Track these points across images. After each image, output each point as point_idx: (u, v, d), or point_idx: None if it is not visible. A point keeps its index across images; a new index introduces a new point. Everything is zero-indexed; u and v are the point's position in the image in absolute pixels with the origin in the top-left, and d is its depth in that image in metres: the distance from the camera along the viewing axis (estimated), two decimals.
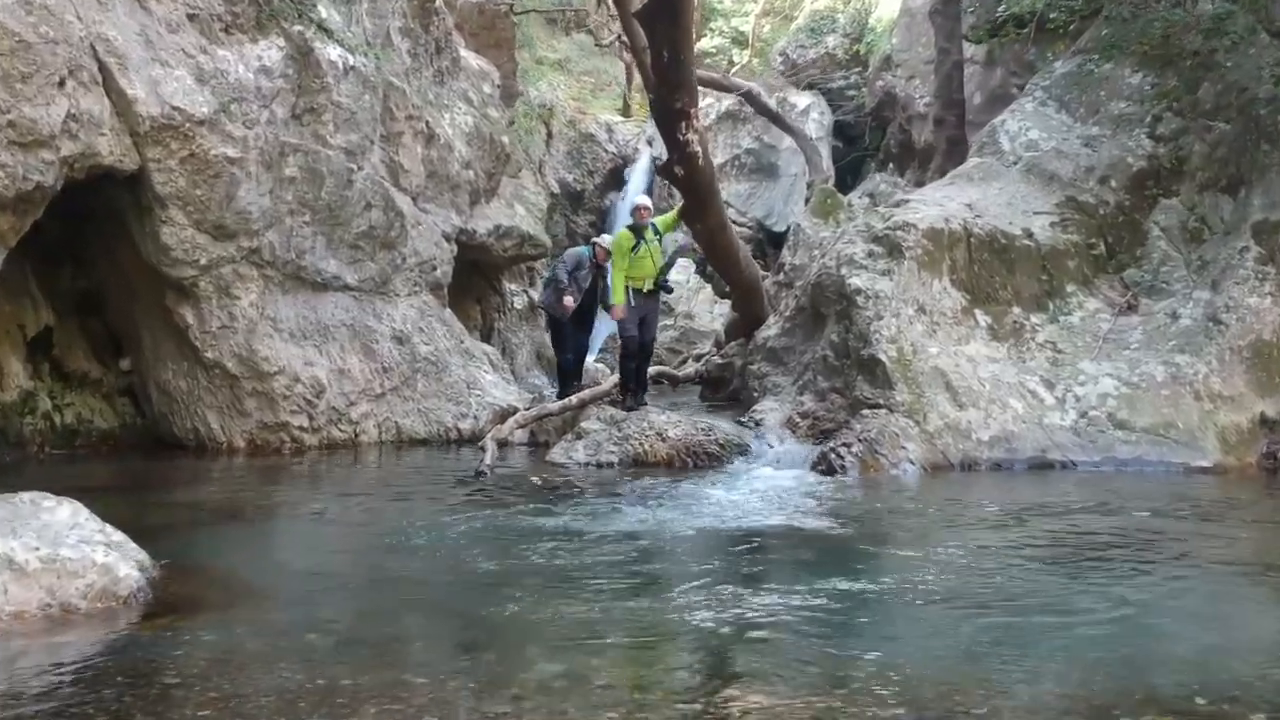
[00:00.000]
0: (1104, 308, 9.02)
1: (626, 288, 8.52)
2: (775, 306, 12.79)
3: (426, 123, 11.78)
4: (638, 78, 28.63)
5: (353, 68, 10.09)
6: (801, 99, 23.10)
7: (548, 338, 17.99)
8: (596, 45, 25.97)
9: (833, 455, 7.64)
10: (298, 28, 9.53)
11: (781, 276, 12.83)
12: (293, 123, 9.62)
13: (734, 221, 22.91)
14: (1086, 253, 9.38)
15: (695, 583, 4.44)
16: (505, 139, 13.85)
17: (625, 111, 27.02)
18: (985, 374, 8.41)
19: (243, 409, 9.75)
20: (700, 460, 8.29)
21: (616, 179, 24.58)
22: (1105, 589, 4.43)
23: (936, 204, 9.50)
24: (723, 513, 6.17)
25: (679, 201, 9.48)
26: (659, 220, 8.86)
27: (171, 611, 3.82)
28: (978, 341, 8.72)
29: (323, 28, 9.86)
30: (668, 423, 8.60)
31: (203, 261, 9.20)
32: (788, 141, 22.05)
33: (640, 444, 8.34)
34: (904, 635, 3.78)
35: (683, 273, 22.60)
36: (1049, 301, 9.10)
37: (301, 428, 9.87)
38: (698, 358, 19.39)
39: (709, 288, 22.14)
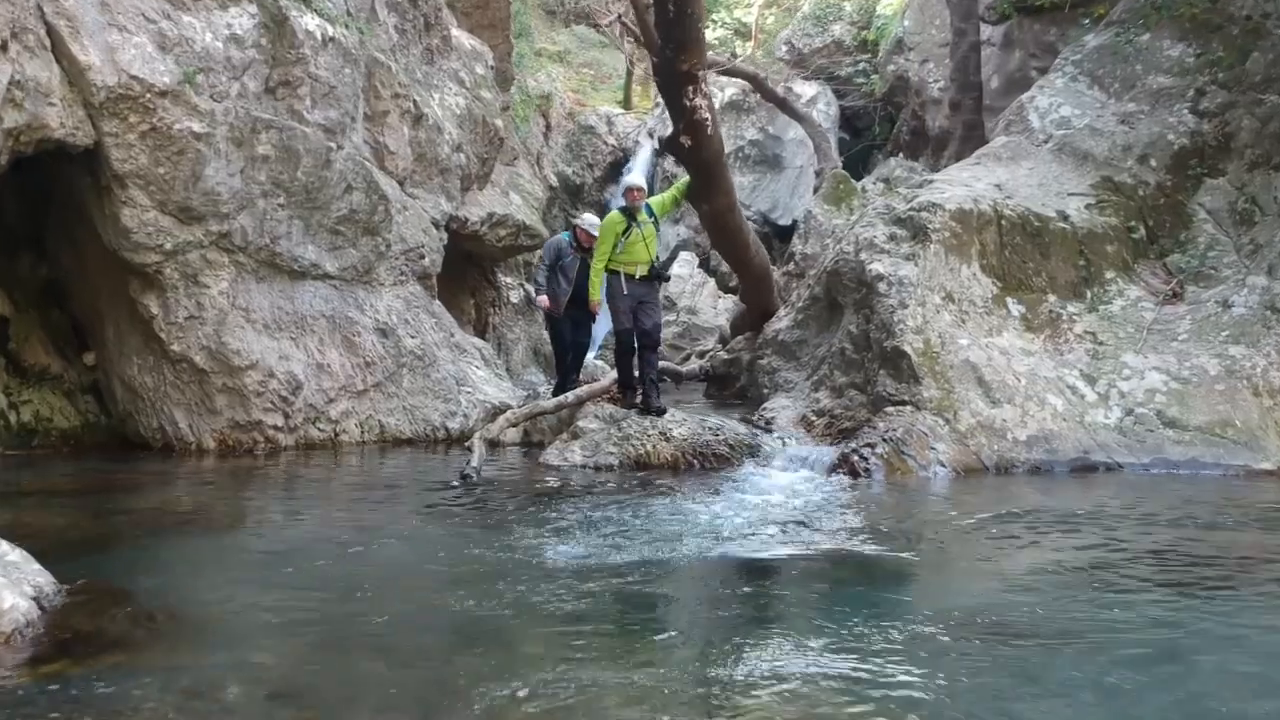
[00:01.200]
0: (1146, 296, 8.29)
1: (619, 274, 7.73)
2: (785, 298, 12.07)
3: (414, 102, 11.05)
4: (638, 70, 27.93)
5: (332, 39, 9.36)
6: (807, 89, 22.39)
7: (546, 334, 17.40)
8: (593, 26, 25.19)
9: (855, 457, 6.90)
10: None
11: (792, 266, 12.12)
12: (266, 96, 8.88)
13: None
14: (1126, 236, 8.65)
15: (707, 632, 3.68)
16: (499, 122, 13.11)
17: (626, 104, 26.33)
18: (1020, 368, 7.68)
19: (212, 406, 9.01)
20: (708, 462, 7.55)
21: (616, 172, 23.86)
22: (1211, 621, 3.70)
23: (963, 184, 8.77)
24: (736, 527, 5.33)
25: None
26: (654, 201, 8.08)
27: (65, 654, 3.08)
28: (1010, 332, 7.98)
29: None
30: (672, 421, 7.87)
31: (167, 246, 8.46)
32: (792, 133, 21.34)
33: (642, 444, 7.60)
34: (995, 691, 3.02)
35: (685, 266, 21.90)
36: (1086, 289, 8.37)
37: (276, 427, 9.14)
38: (701, 354, 18.70)
39: (712, 282, 21.42)
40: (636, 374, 8.08)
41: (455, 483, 7.09)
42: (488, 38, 14.74)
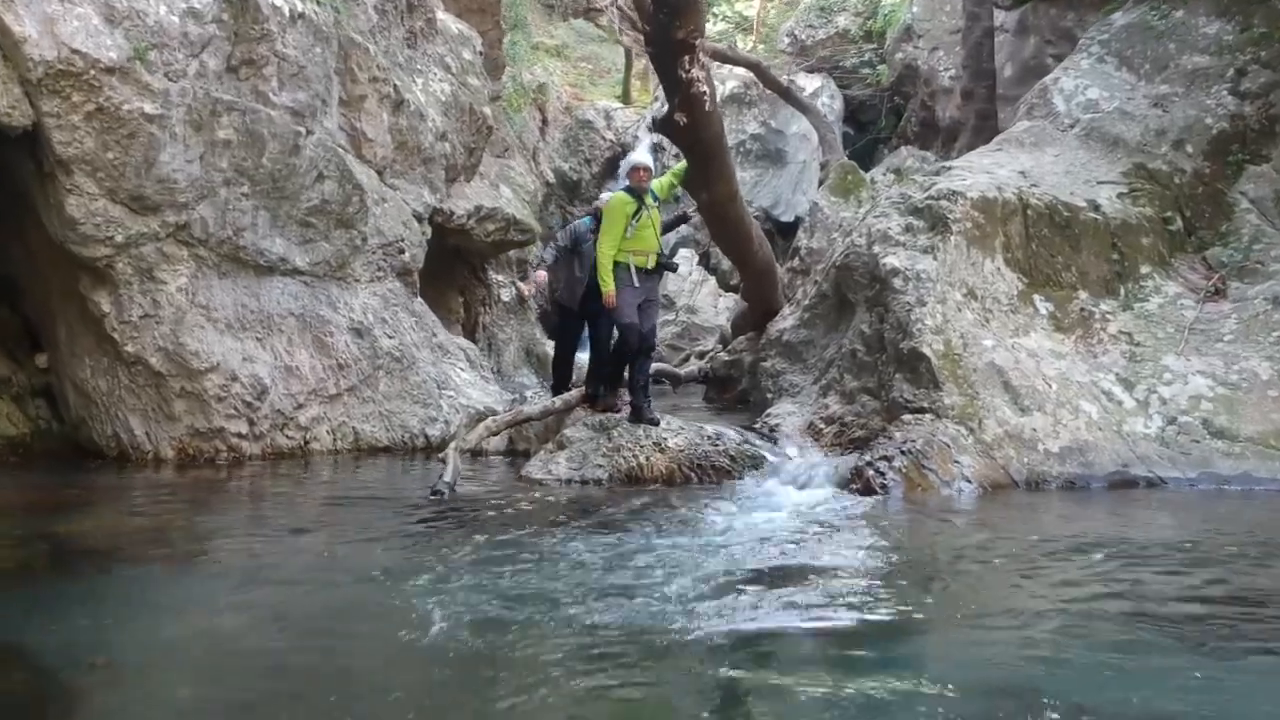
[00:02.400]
0: (1185, 292, 7.59)
1: (628, 266, 6.99)
2: (790, 296, 11.37)
3: (395, 87, 10.34)
4: (638, 64, 27.21)
5: (302, 15, 8.65)
6: (810, 82, 21.68)
7: (538, 333, 16.67)
8: (590, 17, 24.54)
9: (871, 472, 6.20)
10: None
11: (797, 262, 11.41)
12: (228, 76, 8.18)
13: None
14: (1162, 228, 7.95)
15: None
16: (488, 110, 12.41)
17: (625, 98, 25.64)
18: (1050, 371, 6.98)
19: (170, 413, 8.32)
20: (706, 475, 6.86)
21: (614, 168, 23.21)
22: None
23: (985, 171, 8.07)
24: (738, 561, 4.56)
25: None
26: (654, 184, 7.31)
27: None
28: (1039, 332, 7.28)
29: None
30: (667, 431, 7.16)
31: (119, 239, 7.78)
32: (795, 127, 20.63)
33: (634, 456, 6.91)
34: None
35: (684, 264, 21.19)
36: (1120, 285, 7.66)
37: (240, 435, 8.44)
38: (700, 355, 18.00)
39: (713, 280, 20.72)
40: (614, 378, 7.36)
41: (430, 497, 6.40)
42: (477, 23, 14.03)
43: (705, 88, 6.03)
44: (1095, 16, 13.89)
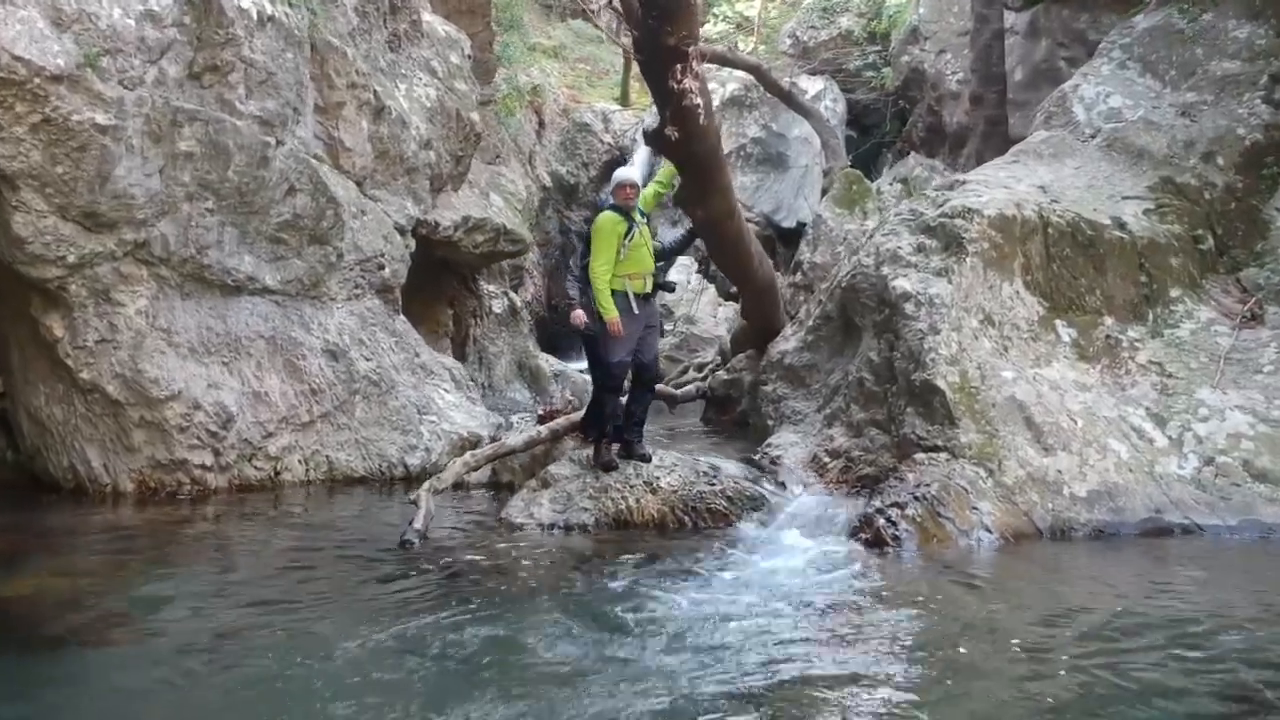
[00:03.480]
0: (1219, 318, 7.04)
1: (625, 294, 6.38)
2: (791, 312, 10.82)
3: (375, 93, 9.80)
4: (636, 65, 26.74)
5: (271, 18, 8.11)
6: (812, 84, 21.12)
7: (534, 348, 16.12)
8: (585, 15, 24.00)
9: (882, 521, 5.65)
10: None
11: (799, 277, 10.86)
12: (190, 83, 7.63)
13: None
14: (1192, 247, 7.40)
15: None
16: (475, 116, 11.85)
17: (623, 100, 25.10)
18: (1075, 406, 6.42)
19: (129, 443, 7.78)
20: (702, 519, 6.31)
21: (612, 171, 22.65)
22: None
23: (1001, 185, 7.51)
24: (736, 650, 4.00)
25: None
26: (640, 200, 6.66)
27: None
28: (1061, 362, 6.73)
29: None
30: (660, 468, 6.61)
31: (71, 259, 7.24)
32: (797, 130, 20.09)
33: (623, 497, 6.35)
34: None
35: (682, 273, 20.62)
36: (1148, 309, 7.11)
37: (204, 466, 7.90)
38: (700, 367, 17.38)
39: (712, 289, 20.17)
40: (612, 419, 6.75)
41: (400, 547, 5.84)
42: (466, 24, 13.50)
43: (699, 100, 5.47)
44: (1110, 18, 13.37)
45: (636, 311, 6.40)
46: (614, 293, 6.42)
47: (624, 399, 6.74)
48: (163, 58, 7.41)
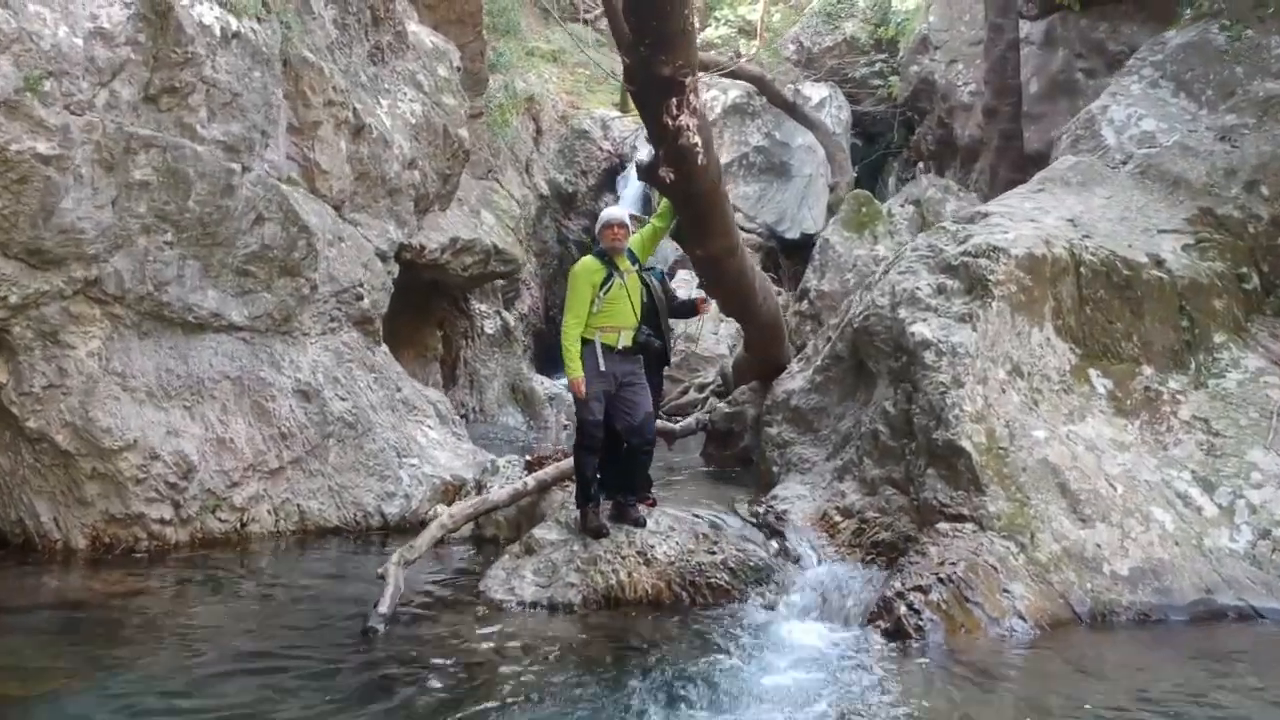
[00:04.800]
0: (1269, 366, 6.43)
1: (593, 343, 5.82)
2: (797, 342, 10.22)
3: (354, 110, 9.20)
4: None
5: (236, 34, 7.50)
6: (816, 91, 20.51)
7: (532, 372, 15.47)
8: (580, 21, 23.41)
9: (903, 609, 5.03)
10: None
11: (805, 305, 10.26)
12: (145, 107, 7.03)
13: (741, 228, 20.44)
14: (1236, 287, 6.80)
15: None
16: (464, 132, 11.25)
17: (623, 106, 24.50)
18: (1113, 469, 5.81)
19: (81, 496, 7.18)
20: (702, 596, 5.70)
21: (611, 179, 22.10)
22: None
23: (1027, 218, 6.90)
24: None
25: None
26: (634, 240, 6.06)
27: None
28: (1097, 417, 6.12)
29: None
30: (655, 534, 6.00)
31: (14, 299, 6.64)
32: (801, 139, 19.49)
33: (613, 570, 5.74)
34: None
35: (684, 287, 19.99)
36: (1190, 357, 6.50)
37: (162, 520, 7.31)
38: (701, 387, 16.79)
39: (713, 304, 19.57)
40: (599, 480, 6.15)
41: (364, 633, 5.23)
42: (456, 34, 12.88)
43: (697, 138, 4.84)
44: (1130, 27, 12.77)
45: (604, 368, 5.80)
46: (585, 343, 5.84)
47: (620, 458, 6.12)
48: (115, 79, 6.82)
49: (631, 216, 6.15)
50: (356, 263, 8.99)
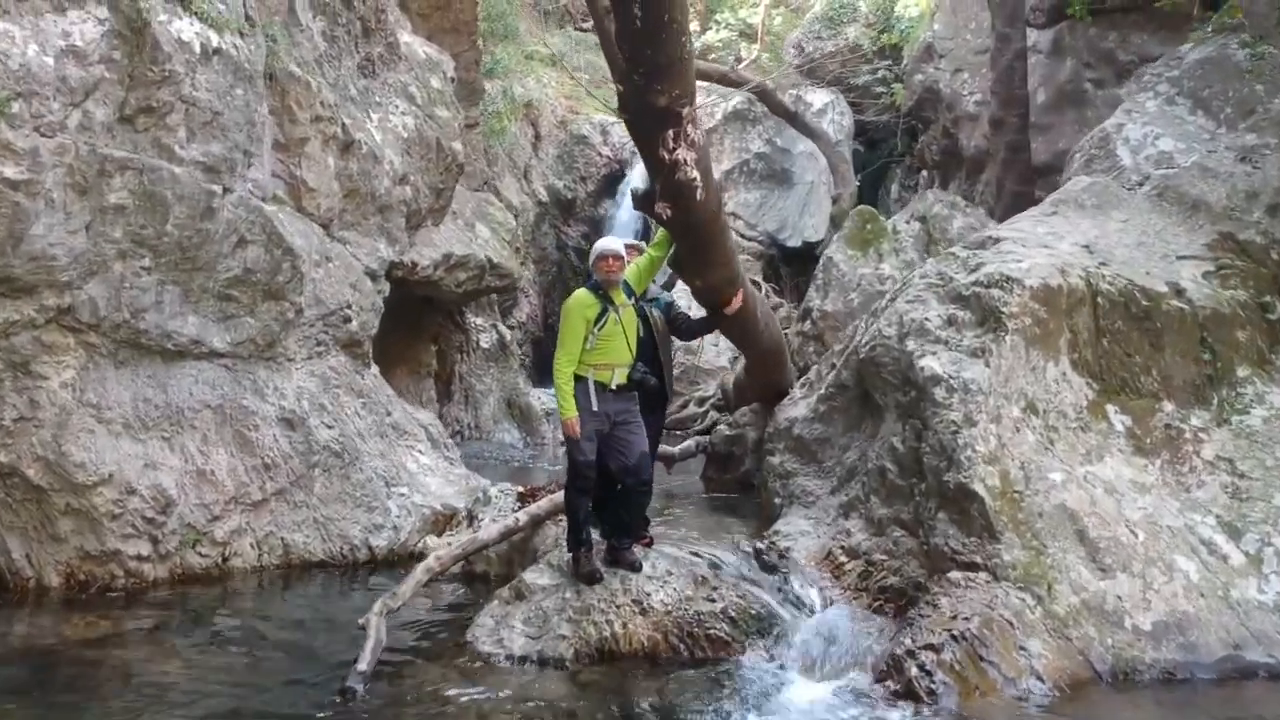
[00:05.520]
0: None
1: (586, 380, 5.54)
2: (800, 362, 9.94)
3: (343, 125, 8.92)
4: None
5: (217, 50, 7.21)
6: (818, 97, 20.21)
7: (528, 387, 15.17)
8: (577, 30, 23.14)
9: (914, 670, 4.74)
10: None
11: (808, 326, 9.97)
12: (120, 128, 6.74)
13: (742, 235, 20.19)
14: (1259, 317, 6.50)
15: None
16: (458, 145, 10.96)
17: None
18: (1135, 513, 5.52)
19: (55, 533, 6.90)
20: (700, 648, 5.41)
21: (611, 185, 21.81)
22: None
23: (1041, 244, 6.61)
24: None
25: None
26: (630, 272, 5.76)
27: None
28: (1115, 457, 5.83)
29: None
30: (651, 580, 5.71)
31: None
32: (802, 146, 19.19)
33: (608, 621, 5.45)
34: None
35: (684, 298, 19.72)
36: (1212, 392, 6.21)
37: (141, 556, 7.02)
38: (701, 401, 16.53)
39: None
40: (591, 522, 5.87)
41: (345, 689, 4.95)
42: (450, 43, 12.60)
43: (695, 173, 4.54)
44: (1140, 37, 12.48)
45: (596, 408, 5.53)
46: (577, 380, 5.56)
47: (614, 498, 5.83)
48: (88, 99, 6.53)
49: (628, 246, 5.86)
50: (345, 283, 8.70)
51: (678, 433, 13.10)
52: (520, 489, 7.91)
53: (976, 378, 5.76)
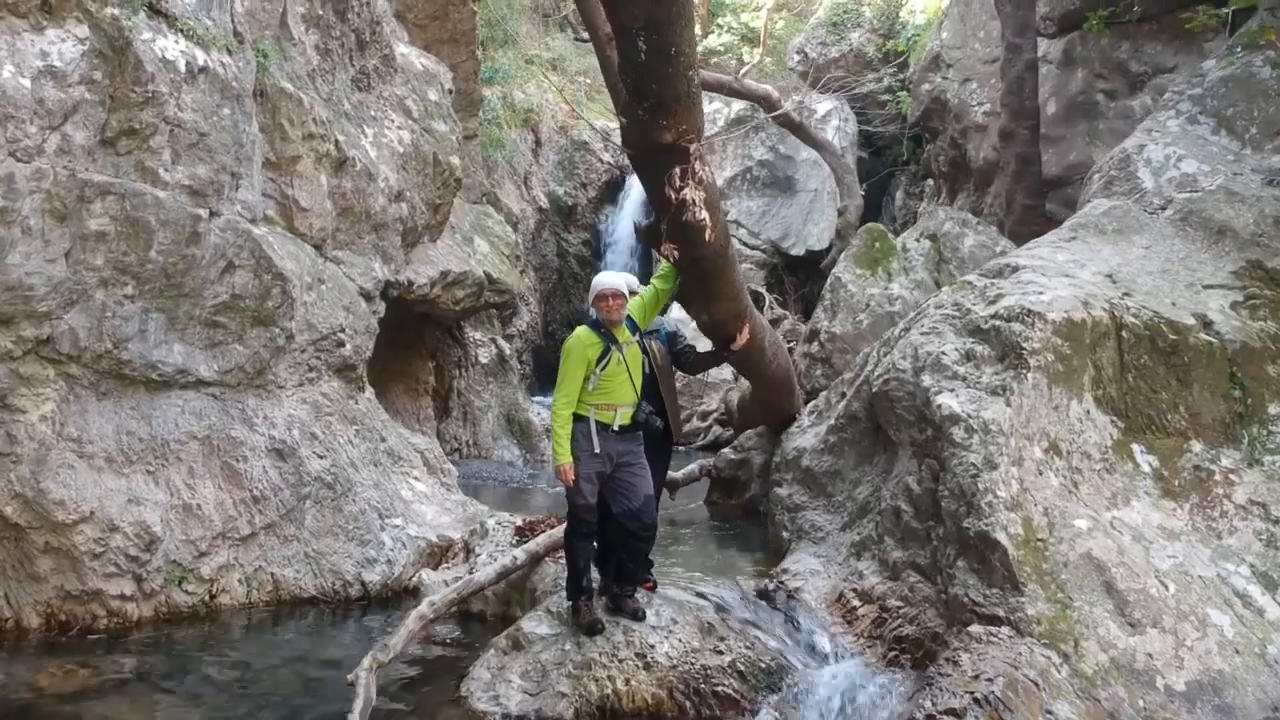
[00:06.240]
0: None
1: (587, 422, 5.28)
2: (805, 386, 9.67)
3: (336, 143, 8.65)
4: None
5: (204, 69, 6.94)
6: (821, 104, 19.95)
7: (527, 402, 14.88)
8: (577, 41, 22.89)
9: None
10: (110, 10, 6.37)
11: (815, 348, 9.69)
12: (102, 151, 6.47)
13: (744, 244, 19.92)
14: None
15: None
16: (455, 160, 10.69)
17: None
18: (1164, 563, 5.25)
19: (34, 572, 6.64)
20: (708, 707, 5.14)
21: (612, 192, 21.55)
22: None
23: (1062, 274, 6.33)
24: None
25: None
26: (633, 306, 5.50)
27: None
28: (1142, 500, 5.55)
29: (156, 9, 6.70)
30: (655, 630, 5.44)
31: None
32: (805, 152, 18.92)
33: (609, 676, 5.18)
34: None
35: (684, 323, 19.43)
36: (1242, 430, 5.93)
37: (123, 596, 6.76)
38: (704, 416, 16.27)
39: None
40: (595, 570, 5.60)
41: None
42: (448, 54, 12.35)
43: (704, 213, 4.23)
44: (1154, 47, 12.20)
45: (598, 449, 5.25)
46: (576, 419, 5.30)
47: (620, 545, 5.56)
48: (67, 122, 6.27)
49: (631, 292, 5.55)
50: (338, 306, 8.43)
51: (680, 448, 12.84)
52: (518, 522, 7.63)
53: (997, 417, 5.48)
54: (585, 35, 21.33)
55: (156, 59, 6.58)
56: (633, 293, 5.70)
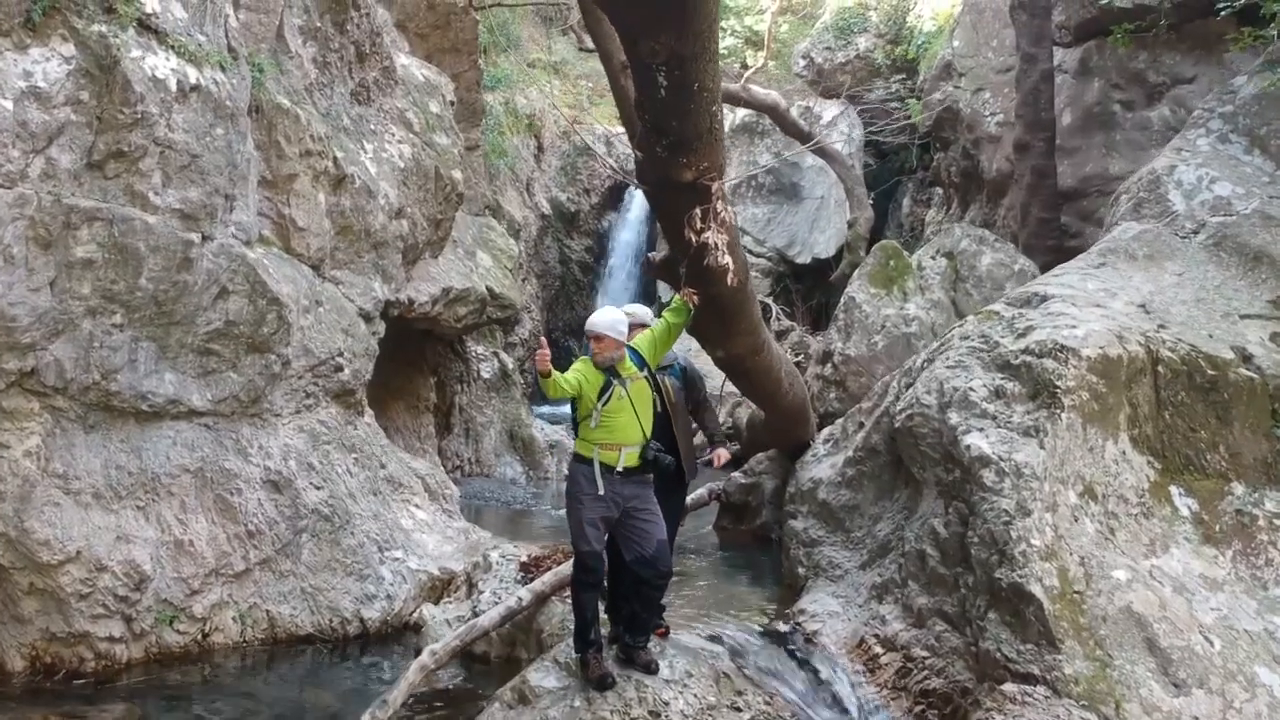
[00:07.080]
0: None
1: (591, 464, 4.99)
2: (818, 409, 9.38)
3: (335, 159, 8.36)
4: None
5: (195, 88, 6.65)
6: (828, 109, 19.66)
7: (530, 417, 14.60)
8: (581, 50, 22.60)
9: None
10: (97, 27, 6.08)
11: (829, 370, 9.41)
12: (89, 174, 6.18)
13: (750, 252, 19.60)
14: None
15: None
16: (457, 174, 10.39)
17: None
18: (1208, 616, 4.97)
19: (18, 613, 6.36)
20: None
21: (615, 198, 21.26)
22: None
23: (1093, 304, 6.04)
24: None
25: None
26: (640, 342, 5.20)
27: None
28: (1182, 547, 5.27)
29: (146, 25, 6.41)
30: (669, 685, 5.15)
31: None
32: (811, 159, 18.62)
33: None
34: None
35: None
36: None
37: (111, 638, 6.47)
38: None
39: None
40: (602, 618, 5.33)
41: None
42: (450, 64, 12.05)
43: (726, 256, 3.93)
44: (1172, 57, 11.92)
45: (603, 492, 4.96)
46: (580, 461, 5.02)
47: (631, 593, 5.28)
48: (52, 145, 5.98)
49: (634, 325, 5.25)
50: (336, 329, 8.14)
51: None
52: (523, 557, 7.35)
53: (1030, 460, 5.20)
54: (590, 45, 21.08)
55: (146, 78, 6.29)
56: (643, 325, 5.43)
